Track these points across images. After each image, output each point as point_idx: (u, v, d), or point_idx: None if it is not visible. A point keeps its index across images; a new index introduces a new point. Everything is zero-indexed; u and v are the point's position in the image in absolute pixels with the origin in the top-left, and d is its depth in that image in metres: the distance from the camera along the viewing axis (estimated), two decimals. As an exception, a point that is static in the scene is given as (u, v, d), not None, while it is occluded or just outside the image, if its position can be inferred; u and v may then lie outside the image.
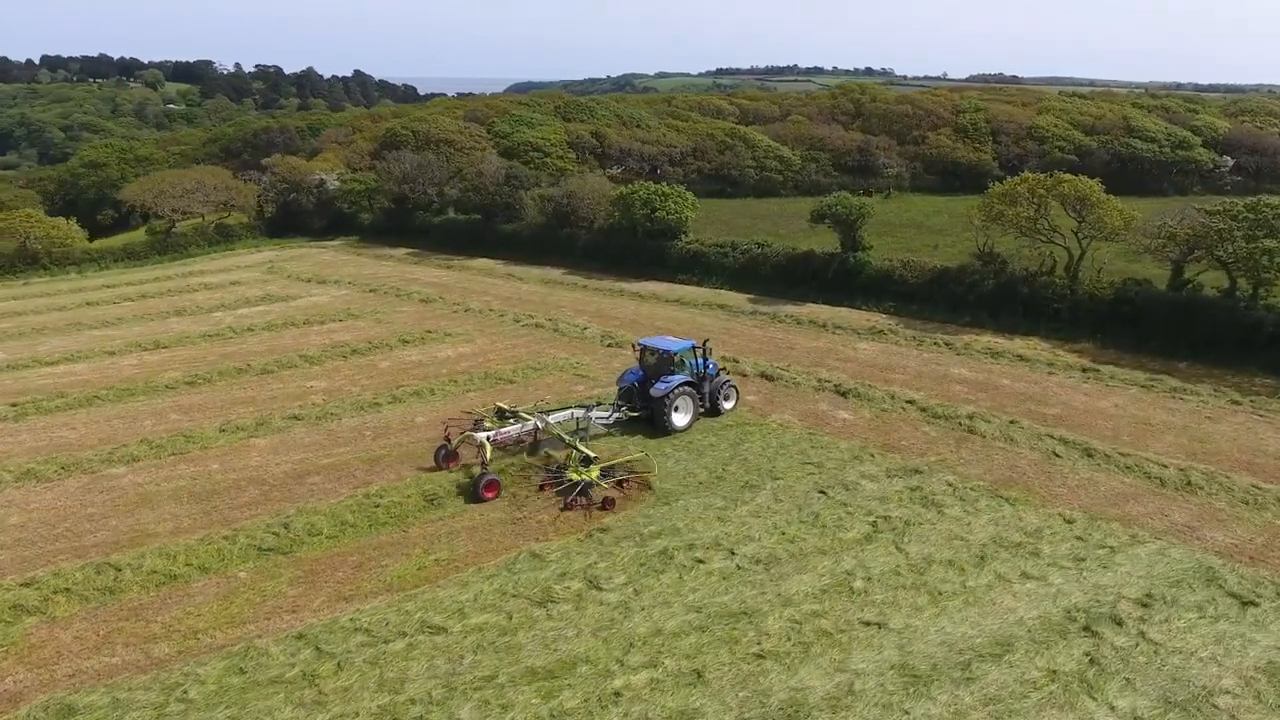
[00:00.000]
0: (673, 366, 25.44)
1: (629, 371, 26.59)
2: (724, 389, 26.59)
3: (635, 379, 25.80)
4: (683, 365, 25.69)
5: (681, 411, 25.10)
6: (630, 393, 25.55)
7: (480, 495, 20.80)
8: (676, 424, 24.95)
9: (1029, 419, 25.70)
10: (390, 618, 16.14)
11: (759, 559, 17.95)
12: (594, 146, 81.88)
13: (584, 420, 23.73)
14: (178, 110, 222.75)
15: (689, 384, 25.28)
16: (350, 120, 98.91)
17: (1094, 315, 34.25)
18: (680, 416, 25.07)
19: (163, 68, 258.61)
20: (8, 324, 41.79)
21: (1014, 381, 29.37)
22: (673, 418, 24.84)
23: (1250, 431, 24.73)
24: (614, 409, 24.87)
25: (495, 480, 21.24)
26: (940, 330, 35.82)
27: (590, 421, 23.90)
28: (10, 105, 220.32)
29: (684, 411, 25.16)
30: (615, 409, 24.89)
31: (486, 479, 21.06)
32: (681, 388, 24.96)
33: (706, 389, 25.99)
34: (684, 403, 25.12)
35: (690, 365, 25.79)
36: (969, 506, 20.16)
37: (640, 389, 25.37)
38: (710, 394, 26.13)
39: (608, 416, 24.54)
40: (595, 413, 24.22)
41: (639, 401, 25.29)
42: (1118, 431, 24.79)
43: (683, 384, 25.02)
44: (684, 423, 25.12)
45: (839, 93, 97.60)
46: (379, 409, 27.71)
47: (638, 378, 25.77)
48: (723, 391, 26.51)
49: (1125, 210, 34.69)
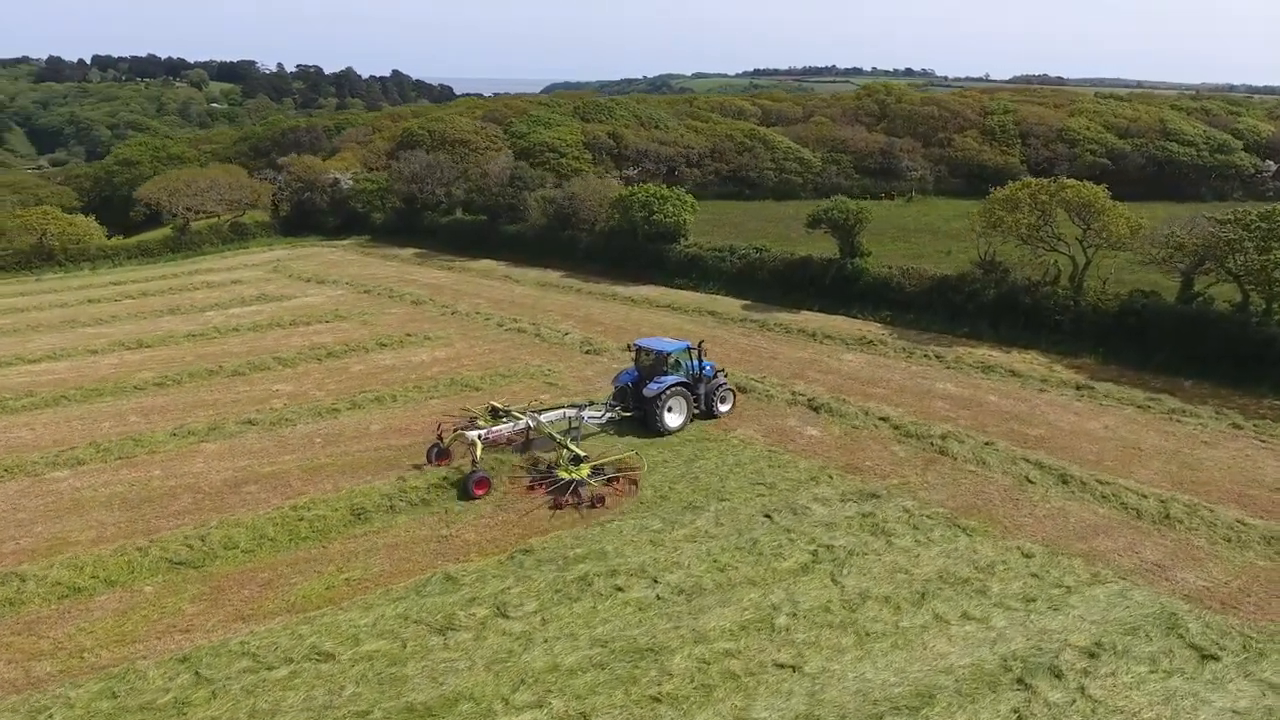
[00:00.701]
0: (667, 368, 25.28)
1: (624, 372, 26.52)
2: (720, 391, 26.26)
3: (630, 379, 25.68)
4: (678, 367, 25.55)
5: (675, 413, 24.99)
6: (624, 393, 25.49)
7: (471, 493, 20.85)
8: (669, 425, 24.83)
9: (1008, 440, 24.17)
10: (281, 641, 15.41)
11: (683, 589, 16.87)
12: (610, 147, 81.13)
13: (576, 420, 23.55)
14: (220, 109, 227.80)
15: (682, 385, 25.12)
16: (371, 120, 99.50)
17: (1097, 328, 32.39)
18: (673, 418, 24.95)
19: (207, 67, 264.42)
20: (8, 320, 42.33)
21: (1001, 399, 27.78)
22: (665, 419, 24.71)
23: (1247, 459, 22.90)
24: (607, 408, 24.80)
25: (485, 478, 21.21)
26: (935, 342, 34.24)
27: (582, 421, 23.75)
28: (61, 104, 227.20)
29: (677, 413, 25.05)
30: (608, 408, 24.83)
31: (477, 476, 21.04)
32: (675, 389, 24.79)
33: (702, 391, 25.78)
34: (677, 404, 24.98)
35: (686, 367, 25.70)
36: (921, 536, 18.82)
37: (634, 389, 25.28)
38: (705, 396, 25.86)
39: (600, 416, 24.48)
40: (588, 412, 24.09)
41: (632, 402, 25.22)
42: (1102, 456, 23.15)
43: (676, 385, 24.84)
44: (677, 424, 25.01)
45: (864, 94, 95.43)
46: (336, 415, 27.16)
47: (632, 378, 25.66)
48: (719, 394, 26.19)
49: (1132, 218, 32.74)
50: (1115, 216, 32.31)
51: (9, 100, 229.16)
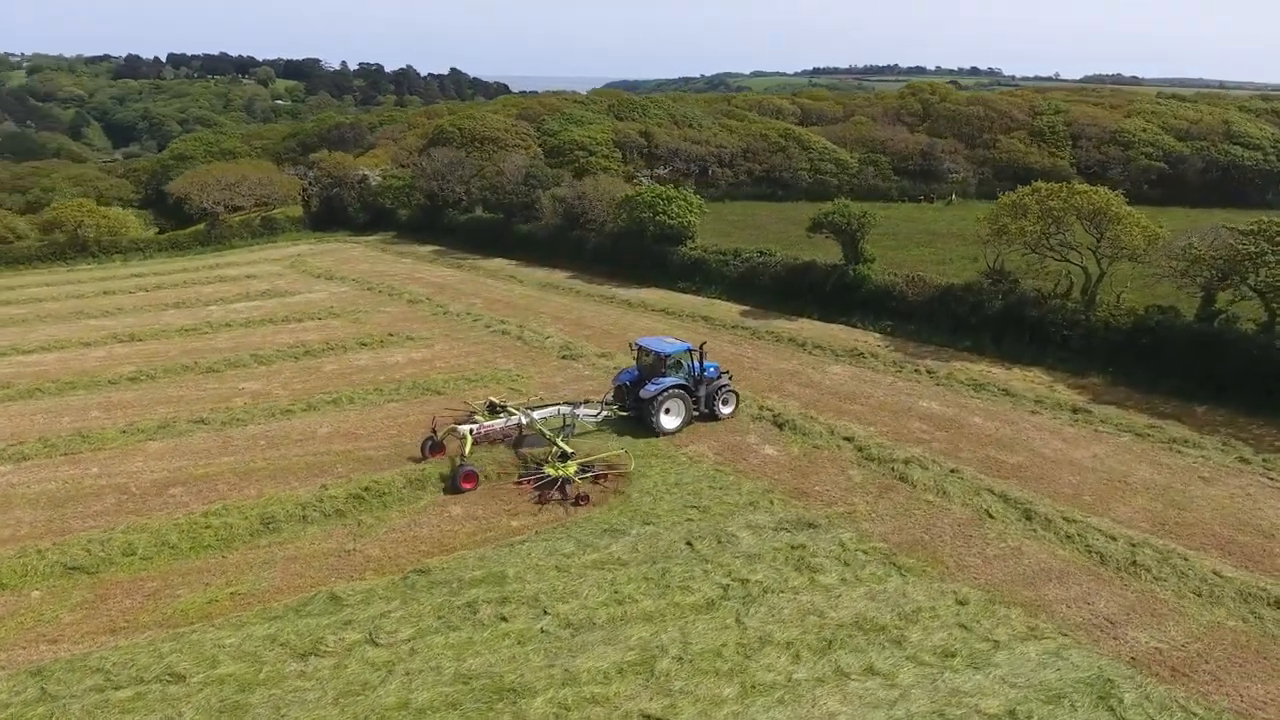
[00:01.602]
0: (666, 369, 24.94)
1: (624, 371, 26.31)
2: (722, 393, 25.77)
3: (630, 378, 25.45)
4: (679, 368, 25.19)
5: (672, 414, 24.71)
6: (623, 392, 25.32)
7: (458, 486, 20.92)
8: (666, 426, 24.54)
9: (979, 467, 22.26)
10: (139, 659, 14.79)
11: (571, 622, 15.70)
12: (641, 146, 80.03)
13: (570, 417, 23.45)
14: (284, 106, 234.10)
15: (681, 387, 24.79)
16: (407, 117, 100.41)
17: (1108, 345, 29.94)
18: (670, 419, 24.68)
19: (275, 65, 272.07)
20: (22, 310, 43.45)
21: (986, 420, 25.75)
22: (661, 420, 24.49)
23: (1247, 499, 20.56)
24: (602, 407, 24.66)
25: (473, 471, 21.20)
26: (933, 355, 32.19)
27: (577, 419, 23.65)
28: (136, 100, 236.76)
29: (675, 414, 24.76)
30: (603, 407, 24.68)
31: (464, 470, 21.11)
32: (672, 390, 24.47)
33: (703, 392, 25.41)
34: (674, 405, 24.69)
35: (688, 368, 25.33)
36: (850, 573, 17.24)
37: (632, 389, 25.06)
38: (706, 398, 25.48)
39: (595, 414, 24.32)
40: (582, 410, 23.92)
41: (629, 401, 25.03)
42: (1081, 489, 21.09)
43: (674, 387, 24.54)
44: (674, 425, 24.69)
45: (907, 93, 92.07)
46: (289, 416, 26.71)
47: (632, 377, 25.42)
48: (720, 396, 25.70)
49: (1150, 227, 30.12)
50: (1130, 225, 29.78)
51: (89, 96, 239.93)
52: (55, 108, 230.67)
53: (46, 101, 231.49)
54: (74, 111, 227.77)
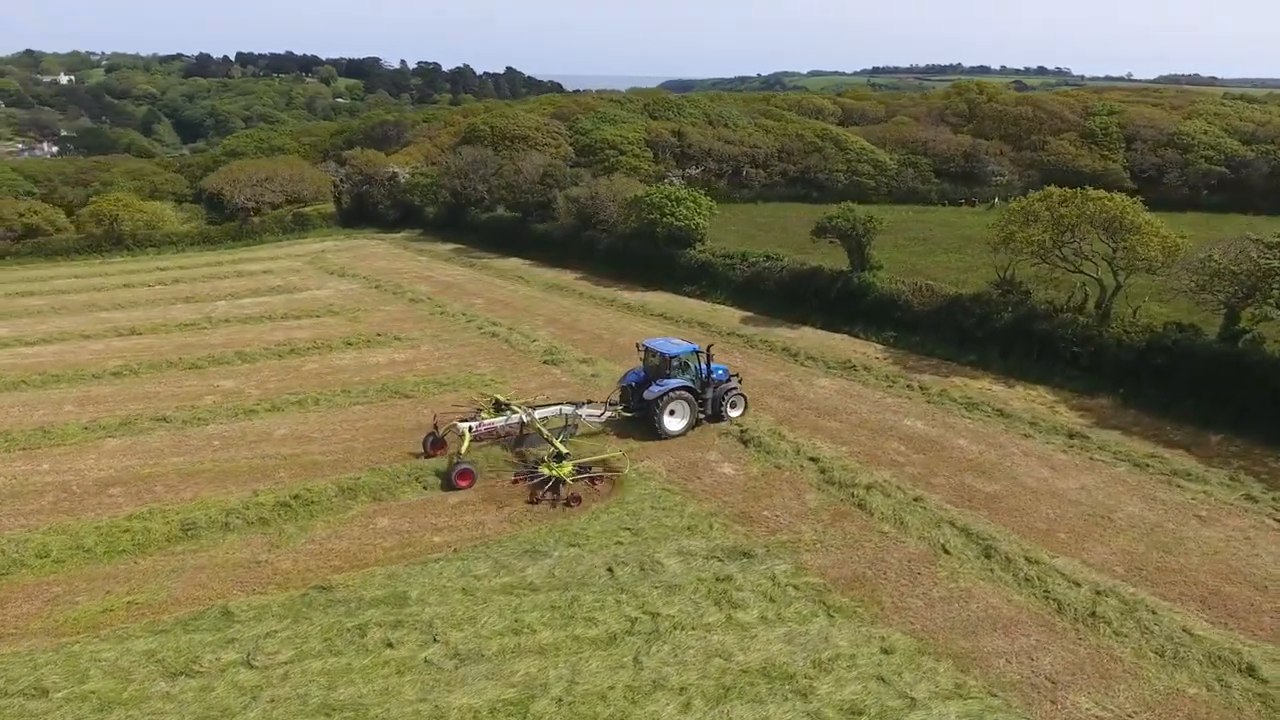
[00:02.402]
0: (671, 370, 24.43)
1: (631, 371, 25.94)
2: (730, 396, 25.39)
3: (636, 379, 25.14)
4: (686, 369, 24.63)
5: (677, 416, 24.30)
6: (629, 392, 24.99)
7: (453, 483, 20.90)
8: (670, 428, 24.14)
9: (948, 495, 20.58)
10: (12, 669, 14.39)
11: (459, 652, 14.75)
12: (673, 146, 78.80)
13: (572, 417, 23.31)
14: (343, 104, 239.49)
15: (686, 389, 24.33)
16: (444, 115, 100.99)
17: (1120, 364, 27.68)
18: (674, 421, 24.26)
19: (337, 64, 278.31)
20: (43, 301, 44.60)
21: (971, 443, 23.94)
22: (665, 422, 24.06)
23: (1245, 543, 18.46)
24: (606, 407, 24.38)
25: (468, 469, 21.17)
26: (932, 369, 30.34)
27: (580, 419, 23.52)
28: (204, 98, 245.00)
29: (680, 416, 24.34)
30: (607, 407, 24.40)
31: (460, 468, 21.09)
32: (677, 392, 24.07)
33: (710, 395, 24.97)
34: (680, 408, 24.27)
35: (695, 370, 24.86)
36: (773, 611, 15.89)
37: (637, 390, 24.76)
38: (714, 400, 25.05)
39: (599, 415, 24.12)
40: (585, 410, 23.72)
41: (634, 402, 24.69)
42: (1057, 525, 19.26)
43: (678, 389, 24.12)
44: (678, 428, 24.27)
45: (953, 92, 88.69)
46: (252, 417, 26.44)
47: (639, 378, 25.11)
48: (728, 399, 25.32)
49: (1171, 237, 27.70)
50: (1148, 235, 27.45)
51: (161, 93, 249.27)
52: (129, 105, 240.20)
53: (121, 99, 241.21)
54: (146, 108, 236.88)
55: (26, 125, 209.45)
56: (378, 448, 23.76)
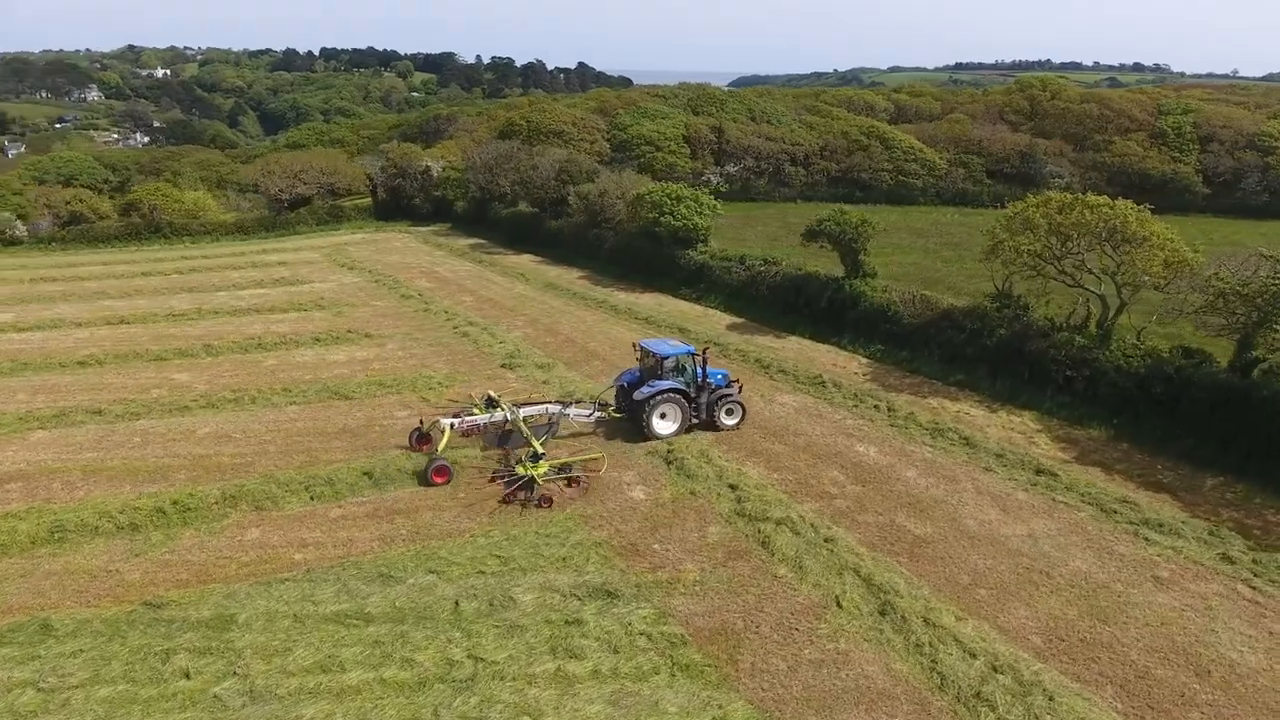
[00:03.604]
0: (663, 371, 23.45)
1: (626, 372, 25.27)
2: (726, 403, 24.20)
3: (631, 379, 24.46)
4: (680, 371, 23.61)
5: (668, 420, 23.57)
6: (623, 393, 24.41)
7: (429, 479, 20.67)
8: (659, 431, 23.41)
9: (870, 536, 18.39)
10: None
11: (253, 689, 13.59)
12: (711, 142, 76.67)
13: (557, 417, 22.65)
14: (416, 98, 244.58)
15: (676, 391, 23.42)
16: (487, 110, 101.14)
17: (1117, 392, 24.68)
18: (664, 424, 23.51)
19: (414, 59, 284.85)
20: (57, 287, 45.89)
21: (921, 474, 21.55)
22: (654, 424, 23.35)
23: (1202, 614, 15.75)
24: (595, 407, 23.82)
25: (444, 465, 20.89)
26: (911, 388, 27.85)
27: (566, 418, 22.95)
28: (288, 91, 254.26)
29: (670, 420, 23.60)
30: (597, 407, 23.84)
31: (436, 464, 20.85)
32: (666, 395, 23.26)
33: (704, 400, 23.95)
34: (670, 410, 23.52)
35: (691, 372, 23.90)
36: (611, 664, 14.19)
37: (629, 390, 24.09)
38: (707, 406, 23.99)
39: (587, 415, 23.55)
40: (573, 410, 23.17)
41: (626, 403, 24.07)
42: (984, 579, 16.89)
43: (668, 391, 23.28)
44: (668, 431, 23.50)
45: (1014, 89, 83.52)
46: (186, 413, 26.03)
47: (633, 378, 24.42)
48: (723, 405, 24.12)
49: (1181, 251, 24.45)
50: (1152, 247, 24.32)
51: (248, 87, 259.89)
52: (218, 97, 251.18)
53: (211, 92, 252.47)
54: (233, 101, 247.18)
55: (123, 116, 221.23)
56: (290, 452, 22.95)
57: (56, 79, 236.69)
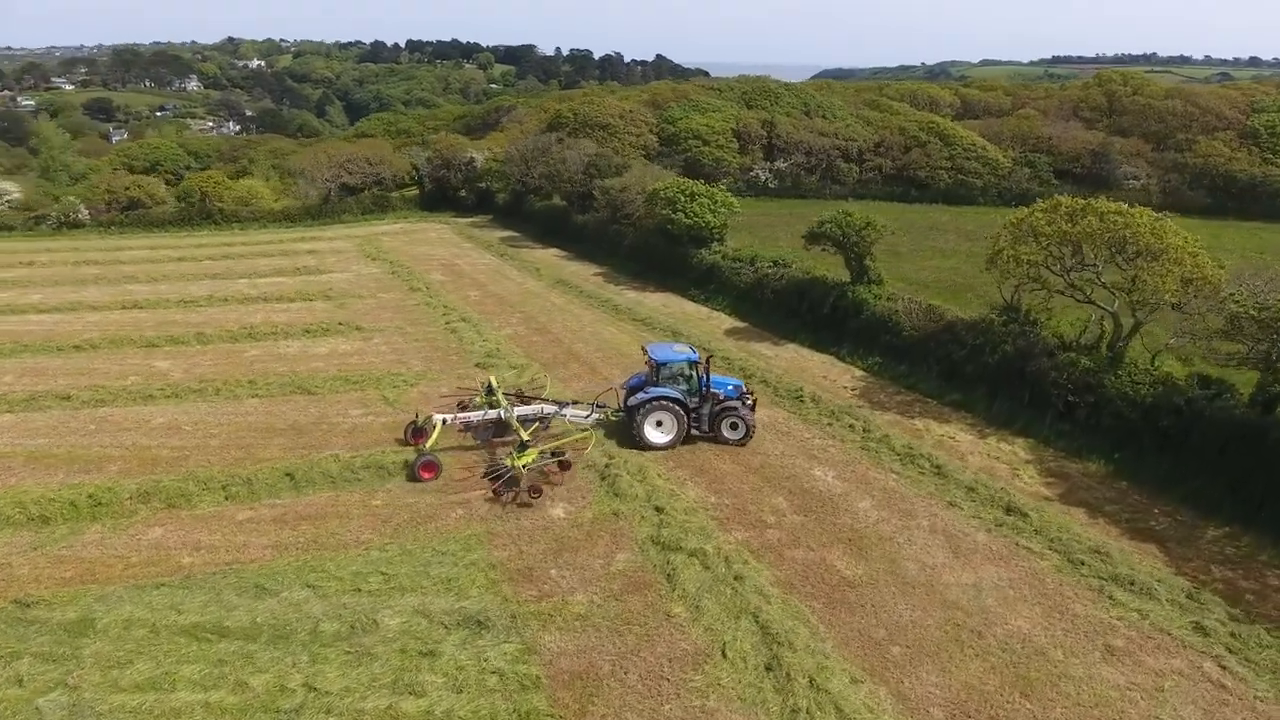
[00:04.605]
0: (661, 378, 22.44)
1: (636, 375, 24.40)
2: (731, 416, 22.58)
3: (637, 383, 23.63)
4: (683, 379, 22.56)
5: (663, 429, 22.36)
6: (629, 396, 23.41)
7: (417, 475, 20.56)
8: (651, 440, 22.31)
9: (792, 574, 16.66)
10: None
11: (77, 703, 13.03)
12: (762, 137, 74.29)
13: (549, 416, 22.73)
14: (495, 90, 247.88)
15: (673, 400, 22.20)
16: (540, 101, 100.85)
17: (1121, 423, 22.02)
18: (658, 434, 22.37)
19: (495, 51, 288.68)
20: (96, 270, 47.43)
21: (876, 506, 19.58)
22: (645, 432, 22.29)
23: (1149, 697, 13.49)
24: (593, 409, 23.23)
25: (432, 461, 20.83)
26: (899, 407, 25.70)
27: (562, 418, 22.81)
28: (373, 82, 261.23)
29: (666, 430, 22.36)
30: (594, 409, 23.22)
31: (424, 460, 20.79)
32: (659, 403, 22.16)
33: (706, 411, 22.57)
34: (666, 419, 22.29)
35: (696, 380, 22.68)
36: (446, 707, 13.02)
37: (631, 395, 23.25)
38: (711, 417, 22.56)
39: (585, 415, 23.00)
40: (569, 411, 22.94)
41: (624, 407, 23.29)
42: (901, 635, 14.99)
43: (661, 398, 22.15)
44: (663, 441, 22.33)
45: (1092, 84, 77.84)
46: (149, 403, 26.11)
47: (639, 382, 23.56)
48: (727, 419, 22.58)
49: (1202, 266, 21.48)
50: (1168, 262, 21.48)
51: (336, 77, 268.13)
52: (307, 88, 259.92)
53: (301, 82, 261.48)
54: (321, 92, 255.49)
55: (218, 105, 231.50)
56: (229, 447, 22.63)
57: (160, 69, 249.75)
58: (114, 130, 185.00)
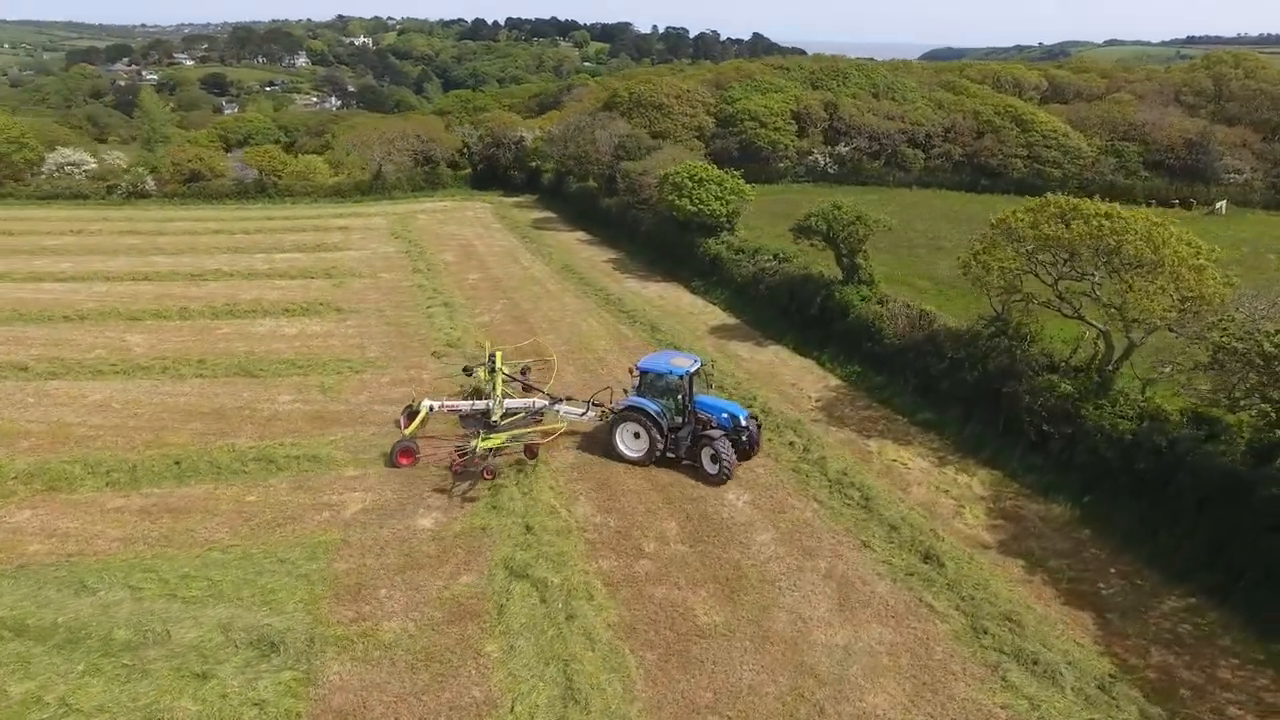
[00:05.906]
0: (642, 389, 20.82)
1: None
2: (707, 443, 19.64)
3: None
4: (668, 392, 20.60)
5: (639, 442, 20.44)
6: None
7: (395, 461, 20.33)
8: (622, 451, 20.71)
9: (632, 617, 14.81)
10: None
11: None
12: (822, 119, 70.45)
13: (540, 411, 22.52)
14: (588, 68, 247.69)
15: (644, 414, 20.15)
16: (603, 81, 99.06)
17: (1095, 460, 18.95)
18: (630, 446, 20.64)
19: (592, 29, 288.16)
20: (134, 240, 49.02)
21: (776, 541, 17.38)
22: (616, 441, 20.76)
23: (989, 814, 11.08)
24: (588, 406, 22.40)
25: (410, 447, 20.54)
26: (857, 425, 23.13)
27: (555, 414, 22.33)
28: (471, 59, 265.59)
29: (642, 443, 20.36)
30: (589, 406, 22.38)
31: (402, 445, 20.51)
32: (627, 415, 20.44)
33: (684, 434, 20.14)
34: (640, 432, 20.33)
35: (679, 397, 20.49)
36: (190, 741, 11.96)
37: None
38: (688, 442, 20.07)
39: (579, 413, 22.27)
40: (563, 408, 22.39)
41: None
42: (730, 702, 12.97)
43: (630, 410, 20.40)
44: (632, 455, 20.58)
45: (1198, 65, 70.01)
46: (99, 378, 26.29)
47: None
48: (706, 446, 19.66)
49: (1205, 281, 17.97)
50: (1163, 276, 18.11)
51: (435, 55, 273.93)
52: (408, 65, 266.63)
53: (402, 59, 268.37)
54: (420, 69, 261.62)
55: (323, 81, 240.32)
56: (143, 429, 22.37)
57: (272, 45, 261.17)
58: (226, 104, 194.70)
